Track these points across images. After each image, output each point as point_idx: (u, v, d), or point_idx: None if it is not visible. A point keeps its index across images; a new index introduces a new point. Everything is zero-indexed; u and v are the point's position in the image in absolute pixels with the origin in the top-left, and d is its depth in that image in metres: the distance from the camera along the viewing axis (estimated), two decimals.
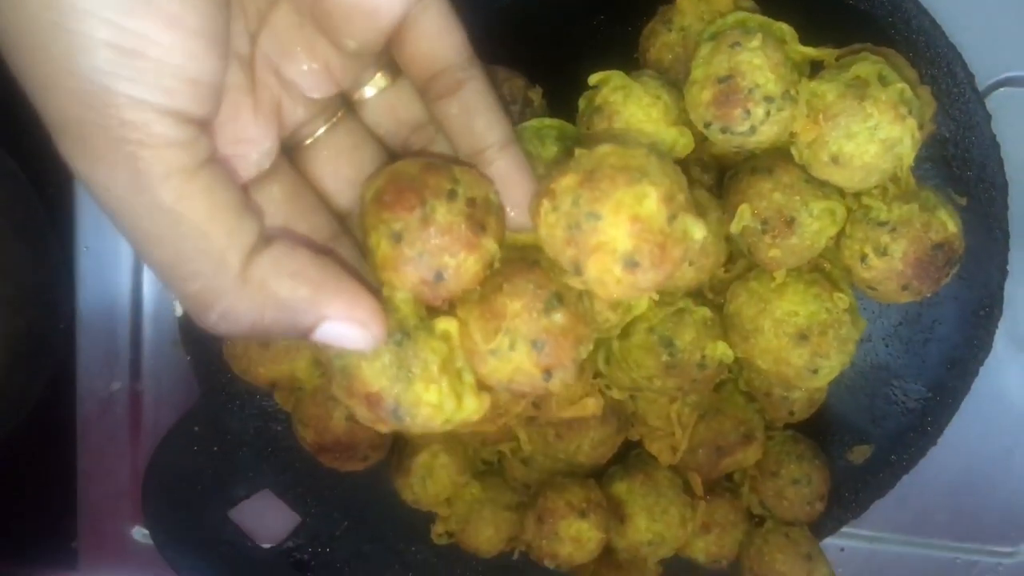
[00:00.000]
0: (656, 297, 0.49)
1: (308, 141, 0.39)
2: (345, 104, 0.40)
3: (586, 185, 0.36)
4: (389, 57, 0.38)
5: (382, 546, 0.63)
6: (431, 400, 0.36)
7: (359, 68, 0.38)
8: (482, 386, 0.38)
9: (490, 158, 0.38)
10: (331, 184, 0.39)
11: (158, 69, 0.29)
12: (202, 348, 0.58)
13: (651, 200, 0.35)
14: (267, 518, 0.63)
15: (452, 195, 0.36)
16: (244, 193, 0.34)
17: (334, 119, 0.39)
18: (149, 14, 0.28)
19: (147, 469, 0.60)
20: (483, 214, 0.37)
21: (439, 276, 0.36)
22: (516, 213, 0.39)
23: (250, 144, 0.36)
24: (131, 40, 0.28)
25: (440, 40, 0.36)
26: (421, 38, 0.36)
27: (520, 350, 0.37)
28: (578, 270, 0.36)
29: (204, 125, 0.31)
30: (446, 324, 0.37)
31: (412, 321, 0.37)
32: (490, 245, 0.37)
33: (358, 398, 0.36)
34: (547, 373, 0.38)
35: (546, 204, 0.37)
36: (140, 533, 0.68)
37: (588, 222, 0.35)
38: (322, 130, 0.39)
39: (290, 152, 0.39)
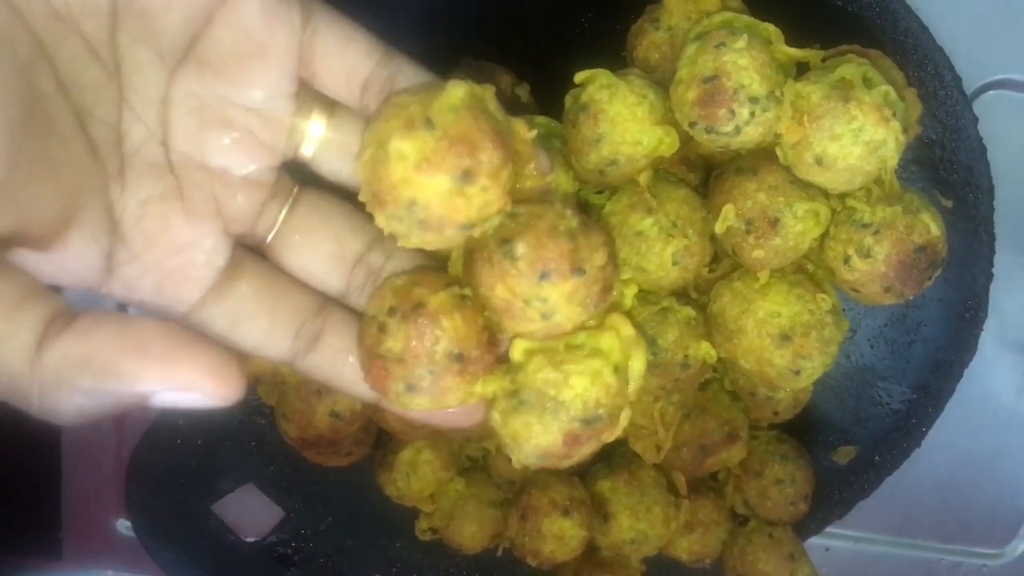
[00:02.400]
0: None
1: (271, 235, 0.37)
2: (297, 182, 0.38)
3: None
4: (313, 98, 0.36)
5: (366, 541, 0.63)
6: None
7: (286, 121, 0.36)
8: None
9: None
10: (314, 266, 0.38)
11: None
12: None
13: None
14: (251, 512, 0.62)
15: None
16: (25, 279, 0.30)
17: (290, 199, 0.37)
18: None
19: (131, 461, 0.60)
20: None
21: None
22: None
23: (190, 249, 0.34)
24: None
25: (348, 49, 0.35)
26: (329, 56, 0.35)
27: None
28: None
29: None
30: None
31: None
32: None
33: None
34: None
35: None
36: (124, 525, 0.68)
37: None
38: (282, 215, 0.37)
39: (261, 250, 0.37)
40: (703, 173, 0.53)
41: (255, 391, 0.58)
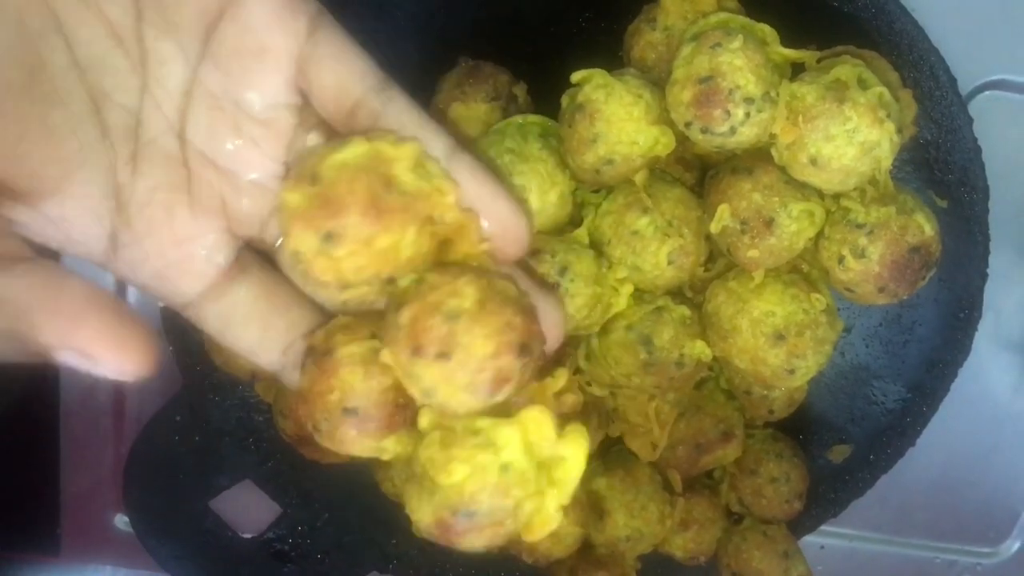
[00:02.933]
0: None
1: (279, 242, 0.36)
2: None
3: None
4: (317, 118, 0.36)
5: (362, 538, 0.63)
6: None
7: (286, 133, 0.36)
8: None
9: None
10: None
11: None
12: (184, 338, 0.58)
13: None
14: (248, 508, 0.63)
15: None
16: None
17: None
18: None
19: (129, 458, 0.60)
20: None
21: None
22: (491, 224, 0.34)
23: (192, 242, 0.35)
24: None
25: (343, 67, 0.34)
26: (323, 71, 0.34)
27: None
28: None
29: None
30: None
31: None
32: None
33: None
34: None
35: None
36: (122, 521, 0.68)
37: None
38: None
39: (269, 256, 0.37)
40: (699, 173, 0.53)
41: (252, 388, 0.58)
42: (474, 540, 0.32)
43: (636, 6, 0.53)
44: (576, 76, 0.48)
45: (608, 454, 0.59)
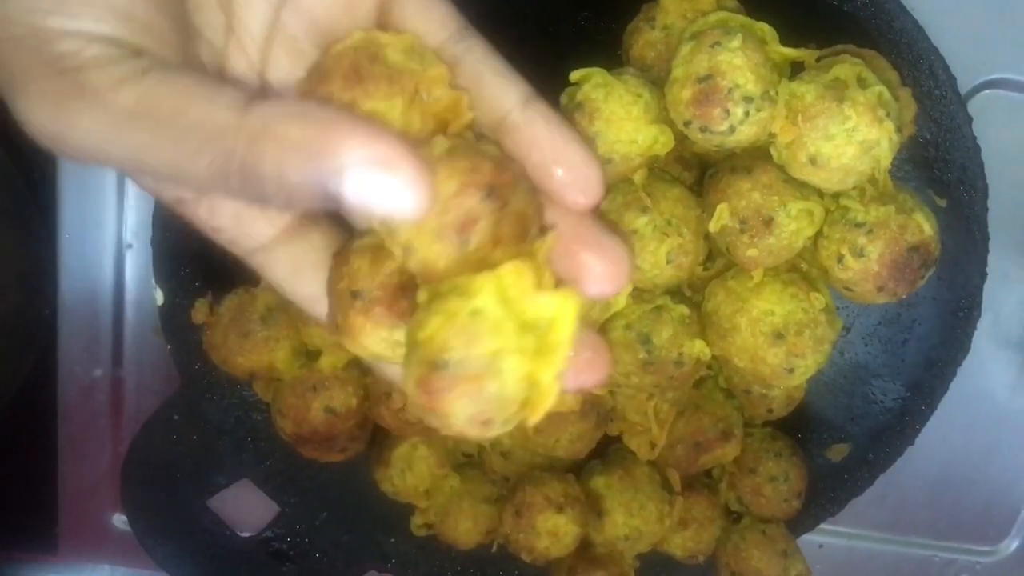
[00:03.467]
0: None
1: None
2: None
3: None
4: None
5: (361, 537, 0.63)
6: None
7: None
8: None
9: (514, 123, 0.34)
10: None
11: (84, 3, 0.29)
12: (182, 337, 0.58)
13: None
14: (246, 507, 0.63)
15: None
16: (216, 76, 0.33)
17: None
18: None
19: (126, 457, 0.60)
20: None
21: None
22: (564, 171, 0.34)
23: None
24: None
25: (424, 16, 0.34)
26: (405, 19, 0.34)
27: None
28: None
29: (141, 51, 0.30)
30: None
31: None
32: None
33: None
34: None
35: None
36: (120, 520, 0.68)
37: None
38: None
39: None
40: (698, 172, 0.53)
41: (250, 387, 0.58)
42: (456, 401, 0.31)
43: (635, 5, 0.53)
44: (575, 75, 0.47)
45: (607, 453, 0.59)
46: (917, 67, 0.53)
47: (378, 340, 0.34)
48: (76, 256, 0.64)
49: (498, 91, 0.34)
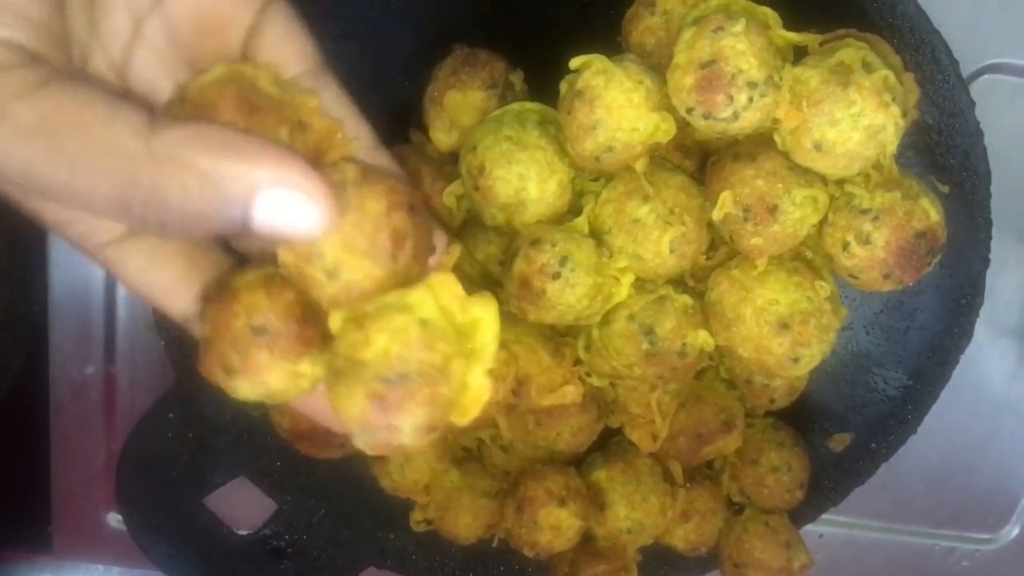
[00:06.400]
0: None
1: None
2: None
3: None
4: None
5: (360, 533, 0.62)
6: None
7: None
8: None
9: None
10: None
11: None
12: (177, 333, 0.57)
13: None
14: (243, 505, 0.62)
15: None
16: (116, 92, 0.32)
17: None
18: None
19: (121, 455, 0.60)
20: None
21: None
22: None
23: None
24: None
25: (284, 47, 0.35)
26: (265, 47, 0.35)
27: None
28: None
29: (38, 57, 0.30)
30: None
31: None
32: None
33: None
34: None
35: None
36: (115, 519, 0.68)
37: None
38: None
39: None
40: (700, 160, 0.52)
41: None
42: (414, 412, 0.31)
43: None
44: (575, 62, 0.47)
45: (608, 445, 0.59)
46: (920, 52, 0.52)
47: (281, 374, 0.34)
48: (66, 250, 0.63)
49: (352, 132, 0.36)
